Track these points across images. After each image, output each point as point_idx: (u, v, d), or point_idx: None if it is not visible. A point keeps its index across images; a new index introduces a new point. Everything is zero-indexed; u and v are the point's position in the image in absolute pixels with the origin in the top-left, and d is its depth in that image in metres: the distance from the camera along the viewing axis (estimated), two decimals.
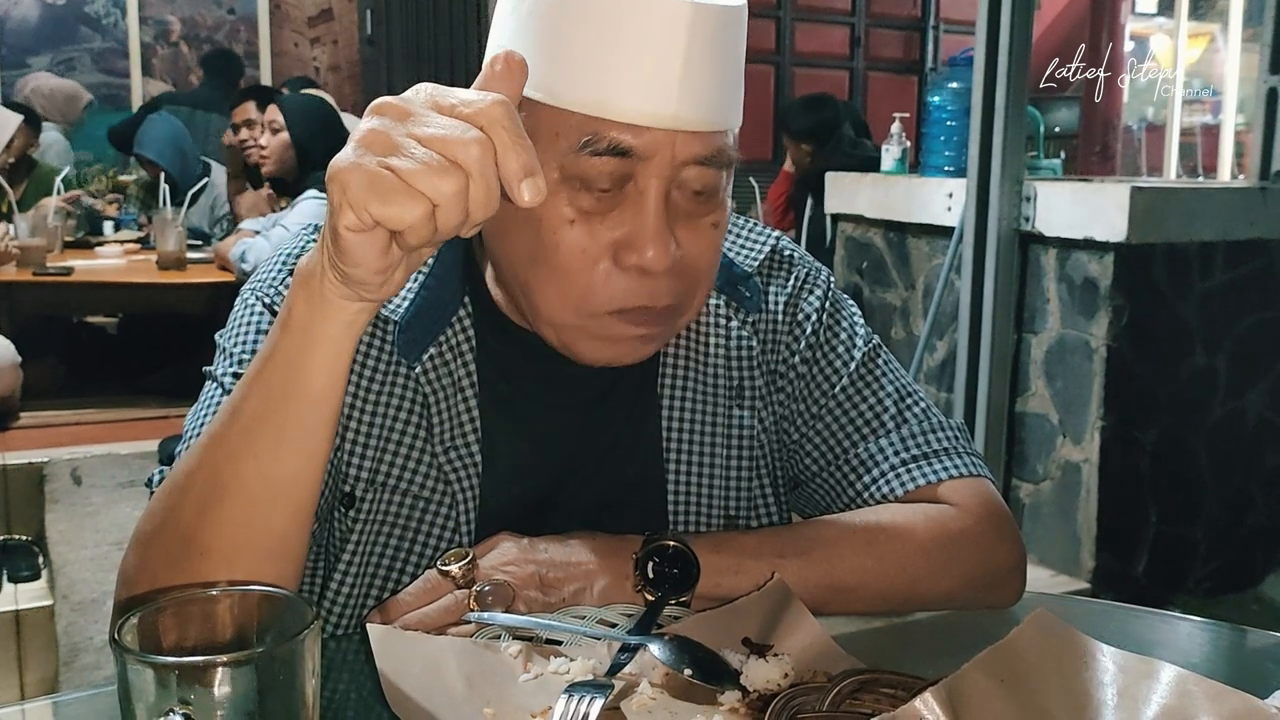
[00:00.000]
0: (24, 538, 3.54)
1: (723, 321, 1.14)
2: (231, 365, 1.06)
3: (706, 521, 1.11)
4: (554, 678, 0.87)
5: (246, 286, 1.12)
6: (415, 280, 1.07)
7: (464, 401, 1.07)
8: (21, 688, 2.97)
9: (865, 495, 1.11)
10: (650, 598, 0.96)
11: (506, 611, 0.93)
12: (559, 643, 0.93)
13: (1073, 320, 3.38)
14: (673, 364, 1.12)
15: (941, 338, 3.83)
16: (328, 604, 1.08)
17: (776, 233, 1.21)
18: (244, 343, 1.07)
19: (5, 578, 3.28)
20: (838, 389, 1.14)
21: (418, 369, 1.06)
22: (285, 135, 3.99)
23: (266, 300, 1.09)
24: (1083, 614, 0.91)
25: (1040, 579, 3.42)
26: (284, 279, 1.09)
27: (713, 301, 1.14)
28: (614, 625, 0.94)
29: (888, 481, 1.10)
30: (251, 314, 1.09)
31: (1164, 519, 3.49)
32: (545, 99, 0.93)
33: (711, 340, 1.14)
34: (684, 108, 0.92)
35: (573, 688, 0.81)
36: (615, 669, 0.87)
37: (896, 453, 1.11)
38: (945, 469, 1.10)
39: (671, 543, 0.98)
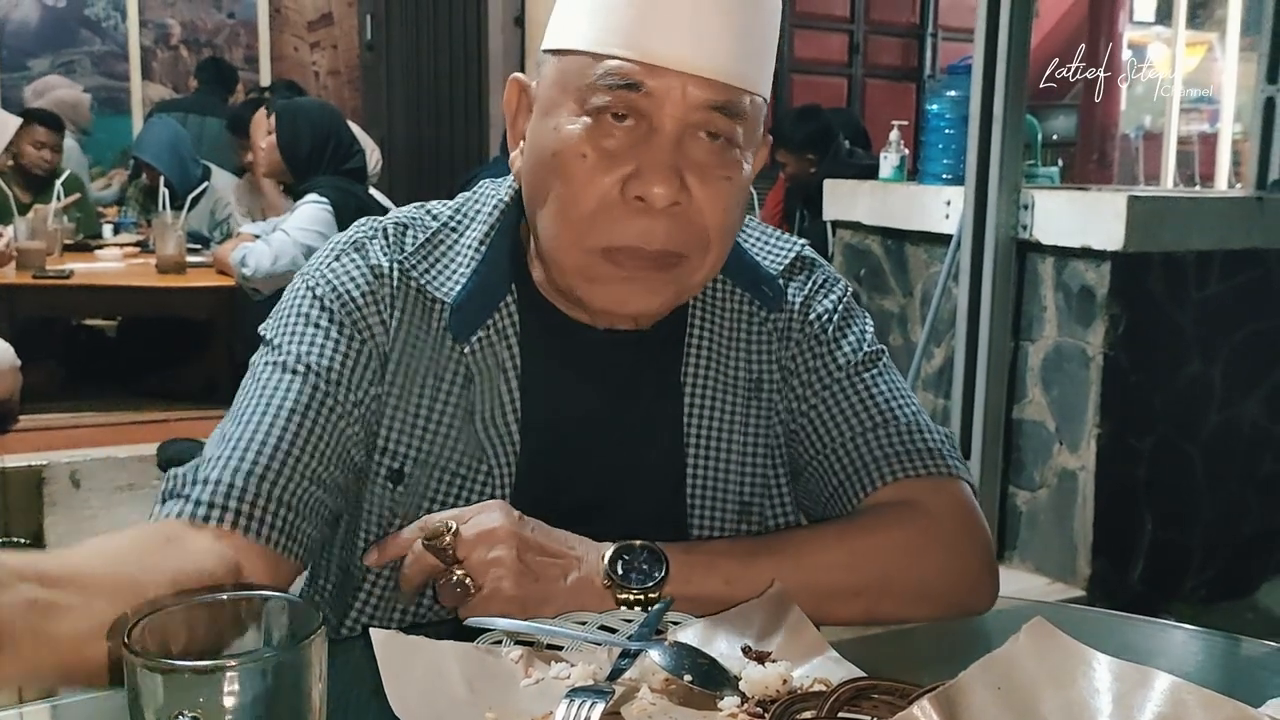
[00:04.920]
0: (23, 540, 3.54)
1: (745, 317, 1.19)
2: (270, 354, 1.09)
3: (722, 506, 1.15)
4: (555, 683, 0.88)
5: (300, 274, 1.16)
6: (468, 266, 1.13)
7: (506, 383, 1.11)
8: (20, 690, 2.97)
9: (846, 485, 1.14)
10: (620, 595, 0.98)
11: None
12: (560, 648, 0.93)
13: (1070, 328, 3.39)
14: (696, 355, 1.16)
15: (939, 345, 3.84)
16: (367, 587, 1.11)
17: (802, 241, 1.26)
18: (288, 330, 1.10)
19: None
20: (834, 383, 1.17)
21: (467, 349, 1.10)
22: (273, 139, 4.05)
23: (312, 283, 1.12)
24: (1079, 622, 0.92)
25: (1036, 586, 3.42)
26: (330, 264, 1.13)
27: (737, 298, 1.19)
28: (614, 631, 0.95)
29: (867, 472, 1.13)
30: (296, 298, 1.12)
31: (1160, 526, 3.49)
32: (578, 45, 1.02)
33: (735, 334, 1.18)
34: (694, 52, 0.99)
35: (573, 693, 0.82)
36: (616, 674, 0.88)
37: (880, 446, 1.14)
38: (925, 466, 1.13)
39: (639, 543, 1.00)
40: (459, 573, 0.96)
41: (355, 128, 5.44)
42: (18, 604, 0.81)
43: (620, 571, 0.99)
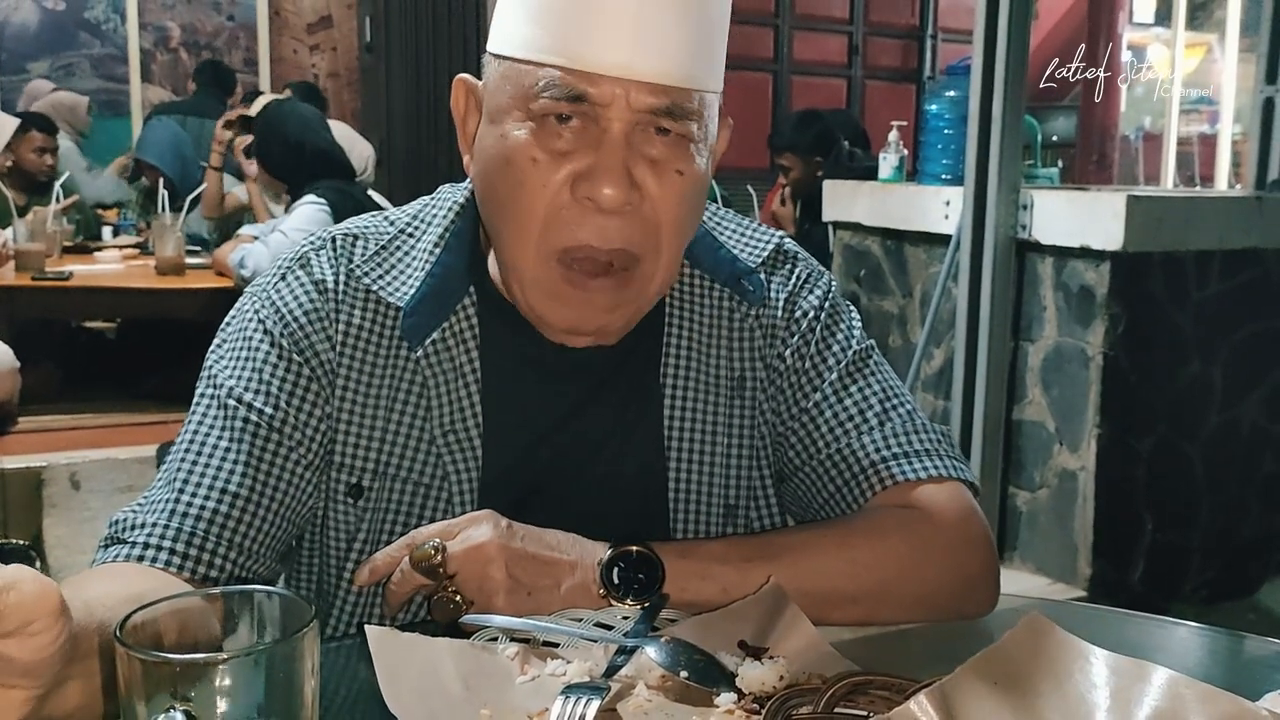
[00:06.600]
0: (21, 542, 3.53)
1: (726, 313, 1.16)
2: (211, 388, 1.07)
3: (706, 511, 1.12)
4: (551, 679, 0.88)
5: (248, 291, 1.13)
6: (422, 270, 1.10)
7: (465, 388, 1.08)
8: None
9: (844, 490, 1.12)
10: (613, 603, 0.97)
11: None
12: (556, 645, 0.93)
13: (1069, 328, 3.39)
14: (675, 354, 1.13)
15: (939, 345, 3.83)
16: (340, 599, 1.09)
17: (780, 233, 1.23)
18: (230, 359, 1.08)
19: None
20: (825, 384, 1.14)
21: (419, 353, 1.08)
22: (253, 146, 4.10)
23: (257, 305, 1.10)
24: (1077, 618, 0.91)
25: (1037, 586, 3.42)
26: (275, 284, 1.11)
27: (716, 294, 1.16)
28: (610, 628, 0.94)
29: (866, 477, 1.11)
30: (242, 321, 1.10)
31: (1160, 527, 3.49)
32: (518, 53, 0.99)
33: (715, 331, 1.15)
34: (635, 58, 0.96)
35: (569, 689, 0.82)
36: (612, 671, 0.87)
37: (877, 449, 1.11)
38: (925, 469, 1.11)
39: (635, 549, 0.98)
40: (450, 590, 0.95)
41: (346, 128, 5.45)
42: None
43: (616, 581, 0.98)
